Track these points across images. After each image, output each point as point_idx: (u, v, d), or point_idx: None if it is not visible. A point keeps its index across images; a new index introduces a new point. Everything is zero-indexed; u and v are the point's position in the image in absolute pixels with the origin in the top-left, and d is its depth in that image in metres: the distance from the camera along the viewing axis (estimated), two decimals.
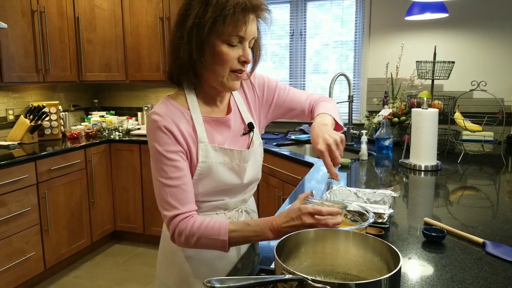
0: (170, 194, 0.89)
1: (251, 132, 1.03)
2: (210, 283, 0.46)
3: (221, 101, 1.01)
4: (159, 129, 0.89)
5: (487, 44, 2.75)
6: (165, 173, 0.89)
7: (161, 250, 1.09)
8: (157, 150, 0.89)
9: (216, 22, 0.83)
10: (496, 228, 1.14)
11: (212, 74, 0.90)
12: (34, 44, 2.77)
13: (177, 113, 0.92)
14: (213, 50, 0.86)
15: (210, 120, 0.97)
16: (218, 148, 0.96)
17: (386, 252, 0.65)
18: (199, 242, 0.87)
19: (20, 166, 2.35)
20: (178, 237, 0.89)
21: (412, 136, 1.90)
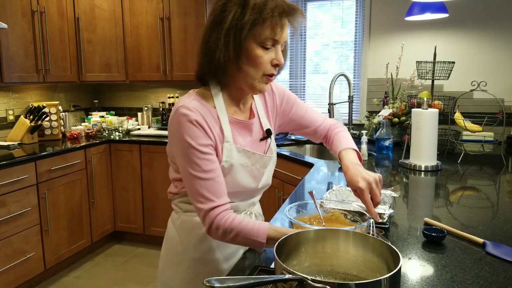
0: (205, 187, 0.88)
1: (269, 138, 1.04)
2: (210, 283, 0.46)
3: (244, 104, 1.01)
4: (190, 122, 0.88)
5: (487, 44, 2.75)
6: (199, 167, 0.88)
7: (166, 251, 1.08)
8: (189, 144, 0.88)
9: (255, 25, 0.83)
10: (496, 228, 1.14)
11: (244, 76, 0.90)
12: (34, 45, 2.77)
13: (205, 110, 0.92)
14: (248, 53, 0.86)
15: (234, 121, 0.98)
16: (242, 150, 0.96)
17: (386, 252, 0.65)
18: (237, 238, 0.87)
19: (20, 166, 2.35)
20: (215, 230, 0.88)
21: (412, 136, 1.90)
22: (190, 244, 1.02)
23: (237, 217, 0.89)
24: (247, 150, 0.97)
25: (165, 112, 3.41)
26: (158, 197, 3.08)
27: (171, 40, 3.16)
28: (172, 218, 1.08)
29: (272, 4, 0.83)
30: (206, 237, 1.00)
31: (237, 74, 0.90)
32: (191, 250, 1.01)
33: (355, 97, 3.12)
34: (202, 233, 1.00)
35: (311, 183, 1.72)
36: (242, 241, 0.87)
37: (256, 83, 0.90)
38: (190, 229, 1.02)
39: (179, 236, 1.03)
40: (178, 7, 3.11)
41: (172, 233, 1.06)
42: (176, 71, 3.20)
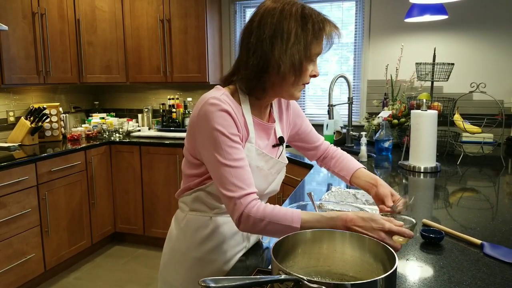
0: (235, 176, 0.87)
1: (281, 146, 1.06)
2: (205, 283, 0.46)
3: (265, 108, 1.05)
4: (221, 111, 0.89)
5: (486, 46, 2.76)
6: (229, 155, 0.88)
7: (168, 249, 1.08)
8: (220, 132, 0.88)
9: (313, 43, 0.90)
10: (495, 229, 1.14)
11: (286, 85, 0.93)
12: (35, 46, 2.78)
13: (235, 106, 0.94)
14: (299, 65, 0.90)
15: (257, 122, 1.00)
16: (261, 152, 0.98)
17: (382, 253, 0.65)
18: (268, 227, 0.85)
19: (21, 168, 2.36)
20: (246, 219, 0.85)
21: (412, 137, 1.90)
22: (194, 243, 1.02)
23: (269, 205, 0.88)
24: (266, 154, 0.99)
25: (165, 114, 3.42)
26: (158, 199, 3.08)
27: (171, 41, 3.17)
28: (177, 216, 1.08)
29: (327, 24, 0.90)
30: (209, 237, 1.01)
31: (278, 83, 0.93)
32: (194, 250, 1.02)
33: (354, 99, 3.12)
34: (206, 234, 1.01)
35: (310, 184, 1.73)
36: (274, 228, 0.85)
37: (295, 92, 0.95)
38: (195, 229, 1.02)
39: (183, 235, 1.04)
40: (178, 9, 3.12)
41: (176, 232, 1.06)
42: (176, 72, 3.21)
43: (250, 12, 3.41)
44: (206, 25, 3.10)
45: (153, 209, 3.11)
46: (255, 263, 0.98)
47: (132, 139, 3.12)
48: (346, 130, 2.67)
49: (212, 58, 3.23)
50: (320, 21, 0.90)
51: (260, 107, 1.02)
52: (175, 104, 3.36)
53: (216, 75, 3.34)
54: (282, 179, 1.10)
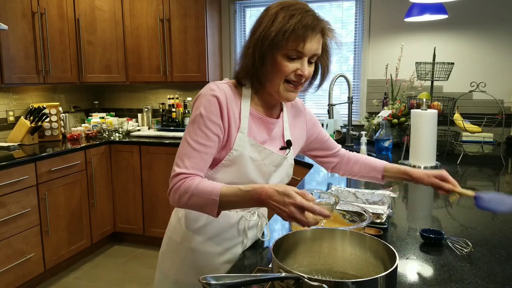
0: (188, 155, 0.91)
1: (287, 149, 1.07)
2: (206, 280, 0.46)
3: (274, 107, 1.06)
4: (212, 96, 0.94)
5: (486, 45, 2.76)
6: (195, 136, 0.92)
7: (166, 240, 1.11)
8: (199, 113, 0.93)
9: (277, 36, 0.89)
10: (495, 228, 1.14)
11: (270, 83, 0.96)
12: (35, 46, 2.78)
13: (231, 95, 0.97)
14: (273, 62, 0.92)
15: (256, 115, 1.01)
16: (254, 143, 0.99)
17: (383, 251, 0.65)
18: (191, 199, 0.87)
19: (20, 167, 2.36)
20: (173, 193, 0.90)
21: (412, 137, 1.90)
22: (188, 234, 1.04)
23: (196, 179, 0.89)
24: (259, 145, 1.00)
25: (165, 113, 3.42)
26: (158, 198, 3.08)
27: (171, 41, 3.17)
28: (176, 208, 1.11)
29: (297, 18, 0.89)
30: (204, 228, 1.03)
31: (265, 81, 0.97)
32: (188, 240, 1.04)
33: (354, 98, 3.12)
34: (201, 225, 1.03)
35: (310, 184, 1.73)
36: (197, 201, 0.87)
37: (281, 90, 0.95)
38: (191, 220, 1.04)
39: (179, 225, 1.06)
40: (178, 9, 3.12)
41: (174, 223, 1.09)
42: (176, 72, 3.21)
43: (250, 12, 3.41)
44: (206, 25, 3.10)
45: (152, 209, 3.11)
46: (254, 262, 0.98)
47: (131, 139, 3.12)
48: (346, 130, 2.67)
49: (211, 58, 3.23)
50: (289, 15, 0.89)
51: (267, 104, 1.03)
52: (174, 104, 3.36)
53: (216, 74, 3.33)
54: (287, 178, 1.10)
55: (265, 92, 1.00)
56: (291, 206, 0.76)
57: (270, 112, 1.05)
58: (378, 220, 1.13)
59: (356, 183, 1.71)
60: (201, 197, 0.86)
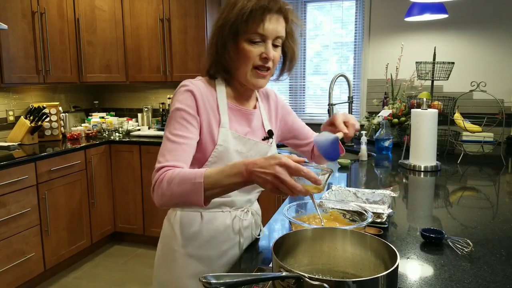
0: (169, 149, 0.89)
1: (270, 139, 1.06)
2: (206, 279, 0.46)
3: (247, 99, 1.06)
4: (187, 91, 0.94)
5: (487, 45, 2.76)
6: (174, 129, 0.91)
7: (161, 248, 1.08)
8: (176, 108, 0.92)
9: (236, 21, 0.90)
10: (496, 228, 1.14)
11: (238, 71, 0.96)
12: (35, 46, 2.78)
13: (206, 89, 0.97)
14: (236, 48, 0.93)
15: (234, 108, 1.01)
16: (237, 136, 0.99)
17: (384, 250, 0.65)
18: (175, 189, 0.81)
19: (20, 167, 2.35)
20: (157, 188, 0.84)
21: (412, 136, 1.90)
22: (184, 240, 1.02)
23: (177, 168, 0.85)
24: (242, 137, 0.99)
25: (165, 113, 3.42)
26: None
27: (171, 41, 3.17)
28: (168, 216, 1.08)
29: (253, 1, 0.90)
30: (199, 233, 1.02)
31: (232, 69, 0.97)
32: (185, 246, 1.02)
33: (354, 98, 3.12)
34: (196, 230, 1.02)
35: None
36: (181, 189, 0.80)
37: (248, 77, 0.95)
38: (185, 225, 1.02)
39: (173, 232, 1.04)
40: (178, 9, 3.12)
41: (168, 231, 1.06)
42: (176, 72, 3.21)
43: None
44: (206, 24, 3.09)
45: (152, 209, 3.11)
46: (255, 262, 0.98)
47: (131, 139, 3.12)
48: None
49: None
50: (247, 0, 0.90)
51: (242, 96, 1.03)
52: None
53: None
54: None
55: (236, 83, 1.00)
56: (276, 166, 0.70)
57: (247, 104, 1.05)
58: (378, 220, 1.12)
59: (357, 183, 1.71)
60: (185, 184, 0.80)
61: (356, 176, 1.84)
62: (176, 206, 0.93)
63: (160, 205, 0.85)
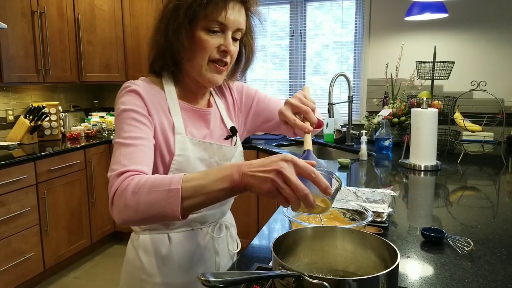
0: (124, 154, 0.74)
1: (234, 137, 0.94)
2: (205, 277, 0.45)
3: (200, 97, 0.93)
4: (130, 92, 0.81)
5: (487, 44, 2.75)
6: (125, 132, 0.77)
7: (126, 277, 0.93)
8: (122, 109, 0.79)
9: (193, 4, 0.78)
10: (496, 227, 1.14)
11: (191, 63, 0.83)
12: (34, 45, 2.77)
13: (150, 89, 0.84)
14: (191, 36, 0.80)
15: (188, 108, 0.88)
16: (197, 142, 0.86)
17: (384, 249, 0.64)
18: (144, 199, 0.65)
19: (19, 167, 2.35)
20: (119, 197, 0.68)
21: (412, 136, 1.89)
22: (152, 267, 0.89)
23: (147, 176, 0.71)
24: (203, 142, 0.87)
25: None
26: None
27: None
28: (132, 239, 0.95)
29: None
30: (169, 258, 0.90)
31: (184, 62, 0.84)
32: (153, 275, 0.89)
33: (355, 98, 3.12)
34: (165, 254, 0.89)
35: None
36: (152, 199, 0.64)
37: (203, 71, 0.82)
38: (151, 249, 0.90)
39: (139, 259, 0.90)
40: None
41: (132, 256, 0.92)
42: None
43: None
44: None
45: None
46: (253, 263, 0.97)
47: None
48: (346, 129, 2.67)
49: None
50: None
51: (195, 94, 0.91)
52: None
53: None
54: None
55: (187, 79, 0.88)
56: (281, 161, 0.58)
57: (200, 102, 0.92)
58: (378, 219, 1.12)
59: (357, 183, 1.71)
60: (157, 191, 0.64)
61: (356, 176, 1.83)
62: (142, 222, 0.68)
63: (121, 220, 0.68)
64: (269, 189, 0.58)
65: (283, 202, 0.59)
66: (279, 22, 3.34)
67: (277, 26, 3.36)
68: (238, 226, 1.16)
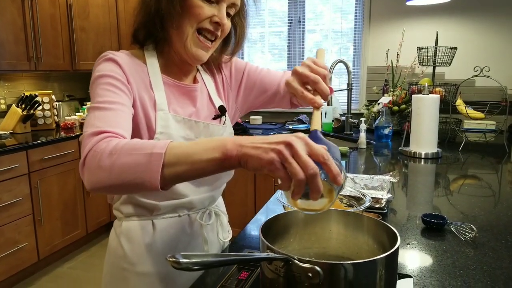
0: (99, 117, 0.66)
1: (223, 117, 0.88)
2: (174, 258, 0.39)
3: (185, 74, 0.86)
4: (109, 59, 0.75)
5: (490, 30, 2.68)
6: (100, 97, 0.69)
7: (108, 266, 0.88)
8: (98, 75, 0.72)
9: None
10: (500, 214, 1.09)
11: (178, 32, 0.77)
12: (25, 31, 2.70)
13: (131, 61, 0.78)
14: (185, 1, 0.75)
15: (172, 84, 0.82)
16: (181, 119, 0.80)
17: (382, 232, 0.59)
18: (119, 161, 0.57)
19: (11, 155, 2.30)
20: (92, 158, 0.59)
21: (413, 122, 1.84)
22: (136, 255, 0.84)
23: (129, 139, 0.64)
24: (187, 119, 0.81)
25: None
26: None
27: None
28: (114, 225, 0.89)
29: None
30: (154, 246, 0.85)
31: (171, 30, 0.78)
32: (136, 263, 0.84)
33: (354, 86, 3.05)
34: (149, 242, 0.84)
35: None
36: (128, 161, 0.57)
37: (189, 43, 0.76)
38: (134, 237, 0.84)
39: (121, 248, 0.85)
40: None
41: (114, 244, 0.87)
42: None
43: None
44: None
45: None
46: (244, 250, 0.93)
47: None
48: (345, 118, 2.61)
49: None
50: None
51: (180, 68, 0.84)
52: None
53: None
54: None
55: (172, 52, 0.82)
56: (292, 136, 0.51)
57: (185, 79, 0.86)
58: (377, 205, 1.07)
59: (356, 171, 1.66)
60: (136, 154, 0.56)
61: (354, 164, 1.78)
62: (115, 189, 0.59)
63: (91, 184, 0.60)
64: (272, 160, 0.49)
65: (284, 180, 0.49)
66: (277, 11, 3.27)
67: (275, 15, 3.28)
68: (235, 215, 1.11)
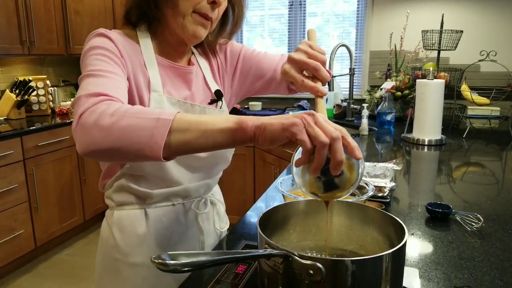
0: (94, 83, 0.61)
1: (219, 102, 0.84)
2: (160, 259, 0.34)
3: (180, 56, 0.82)
4: (101, 35, 0.71)
5: (497, 13, 2.59)
6: (93, 66, 0.65)
7: (101, 256, 0.85)
8: (89, 48, 0.69)
9: None
10: (507, 203, 1.05)
11: (174, 11, 0.72)
12: (17, 14, 2.61)
13: (127, 42, 0.74)
14: None
15: (166, 65, 0.78)
16: (176, 101, 0.77)
17: (388, 225, 0.55)
18: (124, 122, 0.53)
19: (5, 142, 2.25)
20: (88, 116, 0.54)
21: (416, 108, 1.79)
22: (128, 246, 0.81)
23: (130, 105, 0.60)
24: (183, 101, 0.77)
25: None
26: None
27: None
28: (106, 215, 0.86)
29: None
30: (147, 236, 0.82)
31: (168, 10, 0.73)
32: (129, 254, 0.81)
33: (356, 71, 2.98)
34: (142, 232, 0.81)
35: None
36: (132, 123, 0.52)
37: (186, 22, 0.72)
38: (126, 227, 0.81)
39: (113, 238, 0.82)
40: None
41: (106, 234, 0.83)
42: None
43: None
44: None
45: None
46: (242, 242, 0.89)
47: None
48: (347, 104, 2.56)
49: None
50: None
51: (174, 49, 0.80)
52: None
53: None
54: None
55: (167, 32, 0.78)
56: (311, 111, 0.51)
57: (180, 60, 0.82)
58: (380, 194, 1.03)
59: None
60: (143, 117, 0.52)
61: None
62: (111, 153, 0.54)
63: (85, 144, 0.54)
64: (295, 122, 0.49)
65: (306, 145, 0.48)
66: None
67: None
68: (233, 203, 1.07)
